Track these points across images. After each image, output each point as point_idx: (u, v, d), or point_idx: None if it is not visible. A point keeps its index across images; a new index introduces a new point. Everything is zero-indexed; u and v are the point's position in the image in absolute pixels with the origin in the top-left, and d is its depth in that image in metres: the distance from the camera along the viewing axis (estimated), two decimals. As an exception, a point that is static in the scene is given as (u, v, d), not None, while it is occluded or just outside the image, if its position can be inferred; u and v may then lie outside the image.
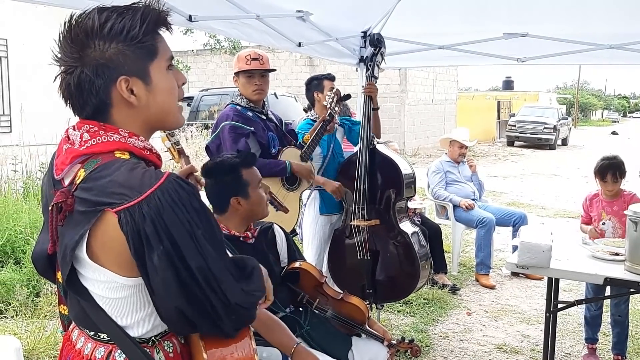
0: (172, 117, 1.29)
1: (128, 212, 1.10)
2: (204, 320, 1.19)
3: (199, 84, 19.63)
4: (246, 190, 2.25)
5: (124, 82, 1.18)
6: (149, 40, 1.20)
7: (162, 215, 1.11)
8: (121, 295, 1.20)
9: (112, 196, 1.12)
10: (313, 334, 2.34)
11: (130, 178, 1.13)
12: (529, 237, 3.08)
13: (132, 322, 1.23)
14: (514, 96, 32.27)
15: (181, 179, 1.17)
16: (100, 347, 1.25)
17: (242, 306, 1.22)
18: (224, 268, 1.19)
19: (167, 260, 1.11)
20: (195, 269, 1.13)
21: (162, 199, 1.11)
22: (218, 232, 1.22)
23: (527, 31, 3.86)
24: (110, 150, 1.19)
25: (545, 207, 9.38)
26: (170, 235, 1.11)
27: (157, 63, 1.22)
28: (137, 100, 1.20)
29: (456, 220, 5.55)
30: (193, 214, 1.14)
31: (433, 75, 19.80)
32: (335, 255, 3.84)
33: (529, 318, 4.46)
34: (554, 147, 21.96)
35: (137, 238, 1.11)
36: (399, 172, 3.67)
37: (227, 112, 3.20)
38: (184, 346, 1.33)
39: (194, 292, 1.15)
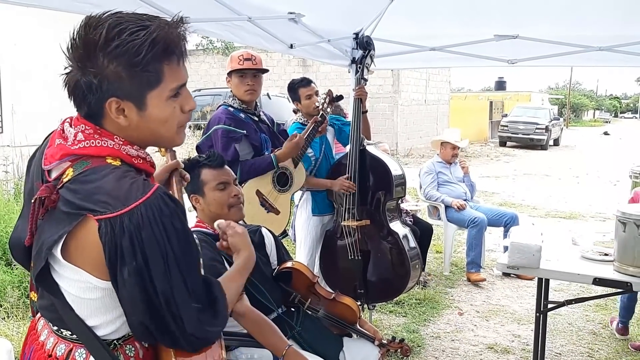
0: (164, 142, 1.29)
1: (109, 223, 1.11)
2: (166, 338, 1.21)
3: (191, 85, 19.49)
4: (202, 190, 2.28)
5: (115, 104, 1.17)
6: (152, 69, 1.17)
7: (140, 232, 1.11)
8: (93, 296, 1.21)
9: (96, 203, 1.12)
10: (304, 334, 2.35)
11: (116, 187, 1.13)
12: (519, 237, 3.10)
13: (100, 322, 1.24)
14: (506, 97, 32.37)
15: (168, 195, 1.17)
16: (62, 344, 1.26)
17: (196, 337, 1.21)
18: (187, 298, 1.18)
19: (137, 277, 1.13)
20: (160, 291, 1.14)
21: (144, 215, 1.12)
22: (195, 252, 1.23)
23: (518, 33, 3.88)
24: (102, 155, 1.19)
25: (536, 207, 9.43)
26: (144, 253, 1.12)
27: (158, 92, 1.19)
28: (126, 121, 1.20)
29: (448, 220, 5.58)
30: (171, 234, 1.15)
31: (426, 75, 19.84)
32: (326, 256, 3.86)
33: (519, 318, 4.49)
34: (545, 148, 22.07)
35: (113, 250, 1.12)
36: (389, 172, 3.70)
37: (220, 115, 3.20)
38: (147, 351, 1.33)
39: (158, 311, 1.16)
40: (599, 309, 4.69)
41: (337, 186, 3.66)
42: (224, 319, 1.30)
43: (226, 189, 2.29)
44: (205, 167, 2.30)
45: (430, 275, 5.49)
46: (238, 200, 2.32)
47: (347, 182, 3.64)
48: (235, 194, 2.32)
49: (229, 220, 1.66)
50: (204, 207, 2.32)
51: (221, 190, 2.28)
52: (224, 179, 2.30)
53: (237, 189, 2.34)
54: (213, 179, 2.29)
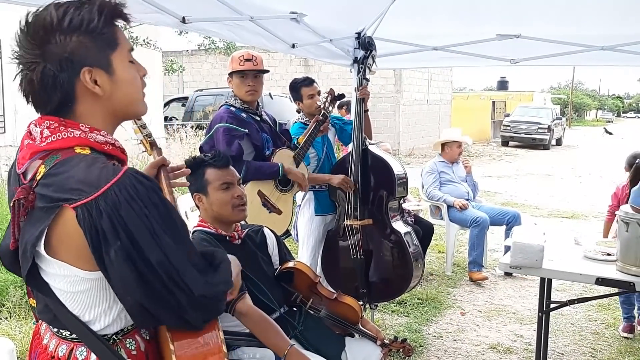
0: (136, 107, 1.30)
1: (85, 208, 1.11)
2: (168, 314, 1.19)
3: (193, 85, 19.60)
4: (206, 189, 2.29)
5: (87, 73, 1.19)
6: (108, 32, 1.21)
7: (119, 211, 1.11)
8: (81, 288, 1.20)
9: (70, 192, 1.12)
10: (306, 334, 2.35)
11: (88, 174, 1.14)
12: (521, 237, 3.10)
13: (94, 316, 1.24)
14: (509, 96, 32.34)
15: (140, 173, 1.17)
16: (63, 345, 1.27)
17: (207, 297, 1.21)
18: (185, 260, 1.18)
19: (125, 255, 1.12)
20: (155, 263, 1.14)
21: (119, 194, 1.11)
22: (180, 225, 1.22)
23: (520, 32, 3.88)
24: (70, 146, 1.19)
25: (539, 207, 9.42)
26: (127, 230, 1.12)
27: (119, 54, 1.24)
28: (101, 90, 1.21)
29: (450, 220, 5.57)
30: (151, 209, 1.14)
31: (428, 75, 19.82)
32: (328, 256, 3.86)
33: (522, 318, 4.48)
34: (548, 147, 22.03)
35: (95, 234, 1.11)
36: (391, 172, 3.70)
37: (221, 114, 3.20)
38: (149, 343, 1.33)
39: (154, 287, 1.15)
40: (602, 308, 4.68)
41: (336, 180, 3.66)
42: (227, 272, 1.31)
43: (230, 189, 2.30)
44: (210, 166, 2.30)
45: (432, 275, 5.49)
46: (241, 201, 2.32)
47: (347, 178, 3.65)
48: (239, 194, 2.32)
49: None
50: (207, 206, 2.32)
51: (225, 190, 2.29)
52: (228, 180, 2.30)
53: (240, 190, 2.35)
54: (217, 178, 2.29)
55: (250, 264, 2.36)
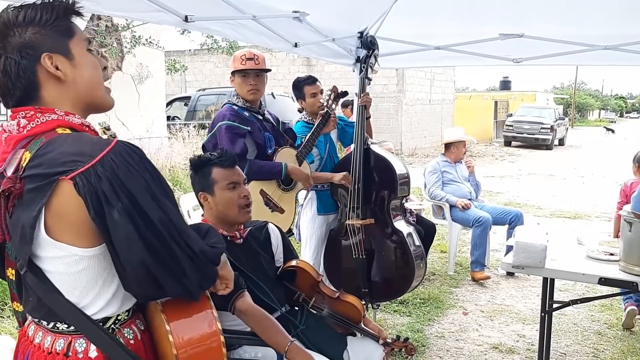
0: (101, 92, 1.34)
1: (83, 176, 1.14)
2: (169, 276, 1.22)
3: (196, 84, 19.61)
4: (212, 188, 2.28)
5: (48, 59, 1.24)
6: (62, 23, 1.28)
7: (117, 175, 1.15)
8: (79, 268, 1.22)
9: (64, 165, 1.15)
10: (308, 333, 2.35)
11: (80, 146, 1.18)
12: (524, 237, 3.09)
13: (90, 300, 1.25)
14: (511, 96, 32.28)
15: (131, 144, 1.22)
16: (60, 339, 1.27)
17: (206, 254, 1.27)
18: (183, 220, 1.24)
19: (128, 215, 1.15)
20: (157, 221, 1.18)
21: (115, 159, 1.16)
22: (171, 191, 1.27)
23: (523, 32, 3.86)
24: (51, 128, 1.23)
25: (541, 207, 9.40)
26: (128, 191, 1.15)
27: (76, 41, 1.29)
28: (63, 75, 1.26)
29: (453, 220, 5.56)
30: (146, 173, 1.20)
31: (430, 75, 19.81)
32: (330, 255, 3.86)
33: (524, 318, 4.47)
34: (550, 147, 22.01)
35: (96, 198, 1.14)
36: (393, 171, 3.69)
37: (224, 112, 3.20)
38: (144, 333, 1.35)
39: (157, 245, 1.19)
40: (605, 309, 4.67)
41: (338, 177, 3.67)
42: (217, 235, 1.40)
43: (236, 189, 2.29)
44: (216, 165, 2.29)
45: (435, 275, 5.48)
46: (247, 201, 2.32)
47: (349, 176, 3.65)
48: (245, 194, 2.31)
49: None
50: (212, 205, 2.31)
51: (231, 189, 2.28)
52: (235, 179, 2.30)
53: (246, 190, 2.34)
54: (224, 178, 2.28)
55: (252, 263, 2.36)
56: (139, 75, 10.23)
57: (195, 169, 2.33)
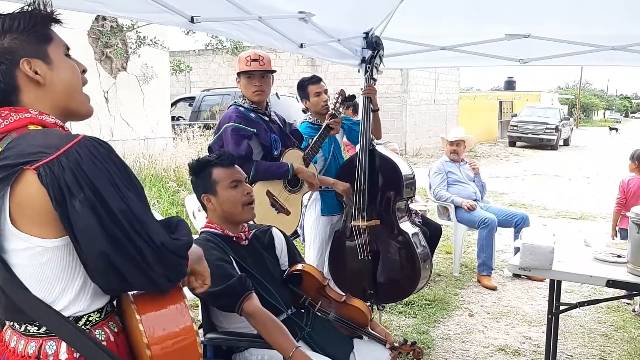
0: (78, 96, 1.36)
1: (47, 166, 1.16)
2: (132, 267, 1.22)
3: (200, 84, 19.62)
4: (214, 188, 2.28)
5: (26, 63, 1.27)
6: (41, 30, 1.31)
7: (81, 166, 1.17)
8: (43, 260, 1.22)
9: (30, 156, 1.17)
10: (315, 336, 2.33)
11: (47, 140, 1.20)
12: (531, 238, 3.07)
13: (56, 295, 1.25)
14: (516, 96, 32.24)
15: (98, 139, 1.24)
16: (32, 342, 1.28)
17: (168, 248, 1.25)
18: (146, 211, 1.24)
19: (89, 205, 1.16)
20: (117, 211, 1.19)
21: (80, 151, 1.18)
22: (139, 185, 1.27)
23: (530, 32, 3.84)
24: (23, 125, 1.26)
25: (546, 207, 9.37)
26: (90, 182, 1.17)
27: (54, 47, 1.33)
28: (42, 79, 1.29)
29: (458, 221, 5.54)
30: (111, 165, 1.21)
31: (435, 75, 19.78)
32: (336, 256, 3.84)
33: (530, 319, 4.45)
34: (555, 148, 21.94)
35: (58, 189, 1.16)
36: (399, 172, 3.68)
37: (230, 114, 3.20)
38: (119, 335, 1.35)
39: (118, 236, 1.19)
40: (611, 310, 4.65)
41: (340, 187, 3.66)
42: (186, 229, 1.35)
43: (239, 187, 2.30)
44: (216, 166, 2.30)
45: (440, 276, 5.46)
46: (251, 199, 2.32)
47: (351, 189, 3.64)
48: (248, 192, 2.32)
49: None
50: (215, 206, 2.31)
51: (234, 188, 2.29)
52: (236, 177, 2.31)
53: (249, 187, 2.35)
54: (226, 177, 2.29)
55: (257, 264, 2.35)
56: (143, 76, 10.24)
57: (195, 172, 2.34)
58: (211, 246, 2.22)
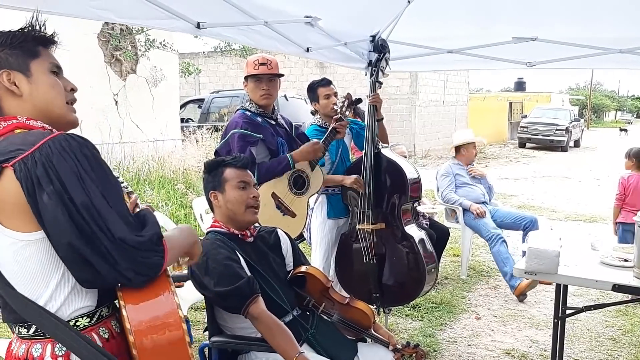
0: (59, 110, 1.42)
1: (22, 162, 1.23)
2: (101, 261, 1.25)
3: (210, 86, 19.71)
4: (223, 186, 2.33)
5: (5, 75, 1.35)
6: (29, 46, 1.39)
7: (51, 160, 1.22)
8: (26, 254, 1.27)
9: (9, 154, 1.24)
10: (319, 337, 2.35)
11: (26, 139, 1.27)
12: (537, 242, 3.07)
13: (41, 291, 1.30)
14: (526, 97, 32.10)
15: (75, 135, 1.29)
16: (22, 345, 1.34)
17: (127, 243, 1.27)
18: (107, 205, 1.28)
19: (56, 198, 1.22)
20: (79, 204, 1.23)
21: (52, 146, 1.24)
22: (111, 177, 1.32)
23: (537, 35, 3.84)
24: (10, 130, 1.33)
25: (556, 210, 9.32)
26: (58, 176, 1.22)
27: (39, 62, 1.40)
28: (19, 90, 1.36)
29: (465, 224, 5.53)
30: (82, 159, 1.26)
31: (444, 76, 19.74)
32: (341, 259, 3.86)
33: (538, 323, 4.44)
34: (566, 149, 21.82)
35: (30, 182, 1.22)
36: (404, 175, 3.68)
37: (237, 119, 3.22)
38: (108, 342, 1.38)
39: (84, 229, 1.23)
40: (619, 314, 4.62)
41: (349, 181, 3.67)
42: (154, 229, 1.35)
43: (246, 189, 2.33)
44: (229, 166, 2.35)
45: (447, 279, 5.45)
46: (256, 203, 2.35)
47: (361, 179, 3.64)
48: (255, 195, 2.35)
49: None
50: (221, 204, 2.34)
51: (241, 189, 2.32)
52: (246, 179, 2.35)
53: (256, 192, 2.38)
54: (236, 177, 2.33)
55: (263, 262, 2.38)
56: (153, 78, 10.31)
57: (209, 169, 2.38)
58: (219, 245, 2.25)
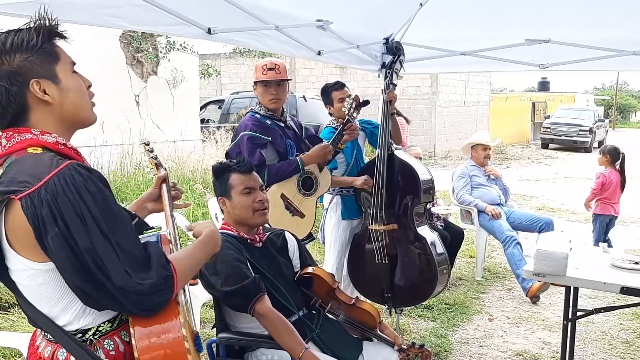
0: (85, 113, 1.43)
1: (29, 198, 1.22)
2: (107, 300, 1.27)
3: (231, 86, 19.89)
4: (229, 193, 2.39)
5: (36, 84, 1.34)
6: (48, 47, 1.37)
7: (57, 199, 1.22)
8: (40, 281, 1.30)
9: (17, 184, 1.24)
10: (324, 337, 2.40)
11: (34, 167, 1.26)
12: (545, 244, 3.08)
13: (58, 312, 1.33)
14: (550, 97, 31.68)
15: (82, 165, 1.28)
16: (49, 347, 1.37)
17: (127, 290, 1.26)
18: (110, 251, 1.26)
19: (61, 241, 1.22)
20: (83, 249, 1.23)
21: (57, 184, 1.23)
22: (117, 215, 1.30)
23: (550, 37, 3.83)
24: (23, 148, 1.32)
25: (575, 211, 9.21)
26: (63, 218, 1.22)
27: (62, 66, 1.39)
28: (51, 98, 1.36)
29: (480, 226, 5.52)
30: (87, 198, 1.25)
31: (465, 77, 19.60)
32: (354, 260, 3.89)
33: (551, 325, 4.42)
34: (589, 150, 21.47)
35: (37, 222, 1.22)
36: (417, 177, 3.70)
37: (246, 122, 3.29)
38: (128, 345, 1.39)
39: (87, 272, 1.23)
40: (634, 317, 4.59)
41: (359, 182, 3.71)
42: (157, 273, 1.31)
43: (252, 193, 2.38)
44: (234, 171, 2.41)
45: (462, 280, 5.46)
46: (262, 206, 2.40)
47: (370, 180, 3.68)
48: (260, 199, 2.40)
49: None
50: (230, 209, 2.41)
51: (247, 194, 2.38)
52: (250, 184, 2.40)
53: (262, 195, 2.43)
54: (240, 183, 2.39)
55: (271, 266, 2.43)
56: (173, 80, 10.47)
57: (216, 175, 2.46)
58: (227, 246, 2.31)
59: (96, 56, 8.20)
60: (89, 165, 1.39)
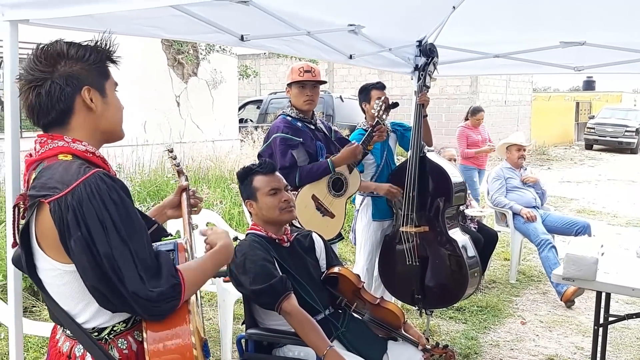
0: (119, 128, 1.57)
1: (57, 203, 1.33)
2: (120, 304, 1.36)
3: (270, 86, 20.09)
4: (255, 195, 2.48)
5: (87, 91, 1.47)
6: (102, 66, 1.52)
7: (82, 205, 1.32)
8: (64, 281, 1.40)
9: (48, 189, 1.34)
10: (349, 335, 2.46)
11: (64, 174, 1.36)
12: (575, 249, 3.06)
13: (78, 310, 1.43)
14: (595, 97, 30.83)
15: (107, 175, 1.39)
16: (67, 342, 1.48)
17: (139, 296, 1.34)
18: (128, 258, 1.35)
19: (82, 244, 1.32)
20: (102, 254, 1.32)
21: (83, 191, 1.32)
22: (135, 223, 1.39)
23: (585, 40, 3.79)
24: (54, 154, 1.42)
25: (617, 215, 9.00)
26: (86, 224, 1.32)
27: (109, 84, 1.54)
28: (95, 107, 1.48)
29: (515, 229, 5.48)
30: (110, 205, 1.34)
31: (506, 76, 19.29)
32: (385, 261, 3.94)
33: (585, 330, 4.37)
34: (635, 152, 20.82)
35: (62, 226, 1.32)
36: (449, 180, 3.72)
37: (278, 124, 3.38)
38: (141, 344, 1.46)
39: (104, 275, 1.33)
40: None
41: (382, 191, 3.74)
42: (167, 282, 1.38)
43: (277, 194, 2.48)
44: (257, 174, 2.50)
45: (495, 283, 5.43)
46: (288, 205, 2.49)
47: (394, 188, 3.71)
48: (286, 199, 2.49)
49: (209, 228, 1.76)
50: (257, 211, 2.50)
51: (272, 195, 2.47)
52: (275, 185, 2.48)
53: (287, 195, 2.51)
54: (266, 185, 2.48)
55: (298, 265, 2.51)
56: (213, 81, 10.69)
57: (240, 180, 2.55)
58: (256, 247, 2.40)
59: (140, 58, 8.45)
60: (115, 173, 1.52)
